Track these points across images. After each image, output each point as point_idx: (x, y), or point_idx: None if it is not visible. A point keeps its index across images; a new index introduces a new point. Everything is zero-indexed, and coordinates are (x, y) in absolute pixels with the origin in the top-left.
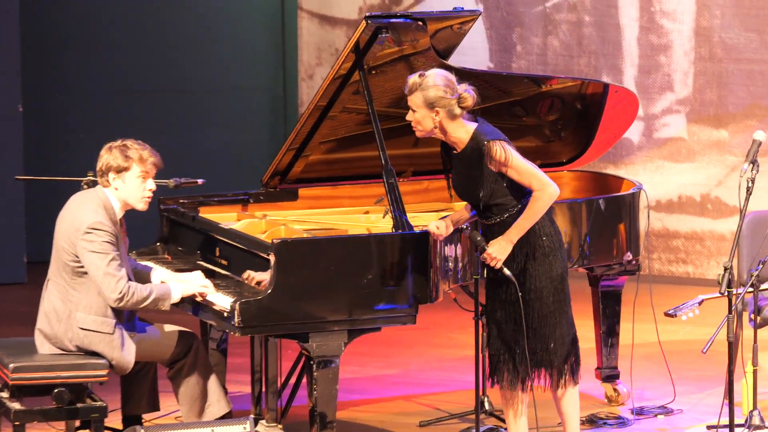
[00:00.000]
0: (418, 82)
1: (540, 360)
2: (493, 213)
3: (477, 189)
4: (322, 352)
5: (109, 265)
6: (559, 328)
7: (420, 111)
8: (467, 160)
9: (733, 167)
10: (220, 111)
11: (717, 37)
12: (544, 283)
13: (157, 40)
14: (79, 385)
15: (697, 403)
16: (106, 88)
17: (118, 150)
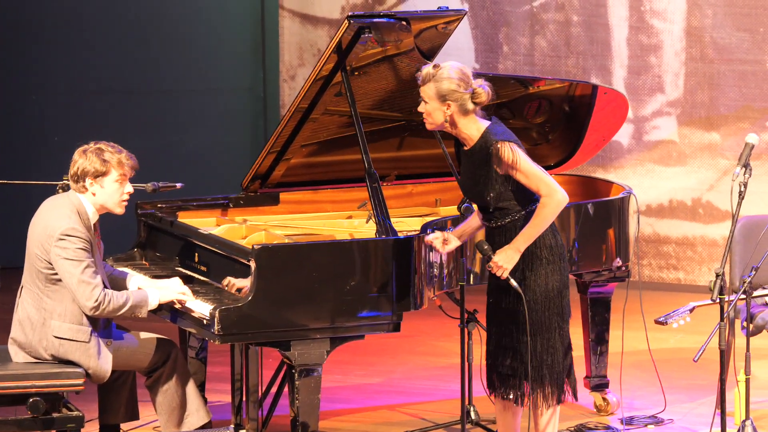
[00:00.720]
0: (432, 73)
1: (527, 373)
2: (496, 216)
3: (482, 189)
4: (304, 360)
5: (84, 272)
6: (548, 343)
7: (432, 103)
8: (475, 158)
9: (725, 171)
10: (199, 112)
11: (708, 37)
12: (538, 296)
13: (134, 39)
14: (54, 394)
15: (689, 412)
16: (81, 89)
17: (94, 154)
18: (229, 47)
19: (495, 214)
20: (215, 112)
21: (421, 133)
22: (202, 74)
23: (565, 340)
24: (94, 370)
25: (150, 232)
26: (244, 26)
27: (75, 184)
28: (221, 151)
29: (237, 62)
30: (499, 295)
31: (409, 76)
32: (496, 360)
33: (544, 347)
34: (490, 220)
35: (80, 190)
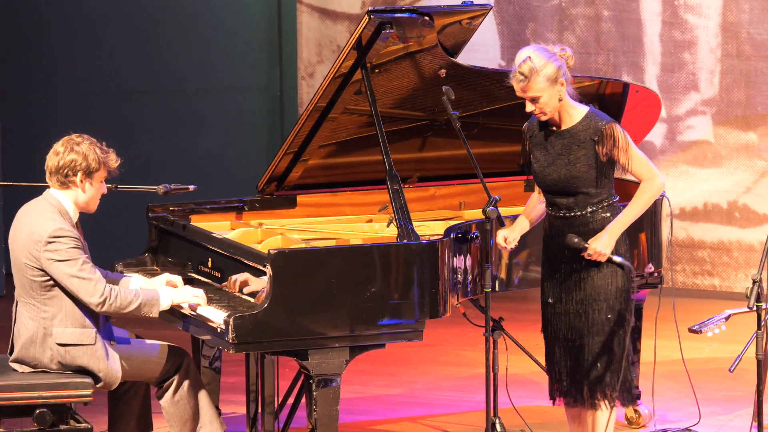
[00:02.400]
0: (532, 67)
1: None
2: (573, 205)
3: (575, 170)
4: (322, 370)
5: (82, 269)
6: (606, 346)
7: (545, 93)
8: (574, 138)
9: (763, 173)
10: (214, 112)
11: (745, 32)
12: (602, 296)
13: (145, 36)
14: (62, 405)
15: (724, 425)
16: (90, 89)
17: (90, 150)
18: (244, 44)
19: (573, 202)
20: (230, 112)
21: (445, 134)
22: (216, 72)
23: (622, 345)
24: (104, 373)
25: (161, 237)
26: (260, 22)
27: (62, 179)
28: (236, 152)
29: (253, 59)
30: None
31: (432, 74)
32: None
33: (603, 349)
34: (570, 209)
35: (66, 185)
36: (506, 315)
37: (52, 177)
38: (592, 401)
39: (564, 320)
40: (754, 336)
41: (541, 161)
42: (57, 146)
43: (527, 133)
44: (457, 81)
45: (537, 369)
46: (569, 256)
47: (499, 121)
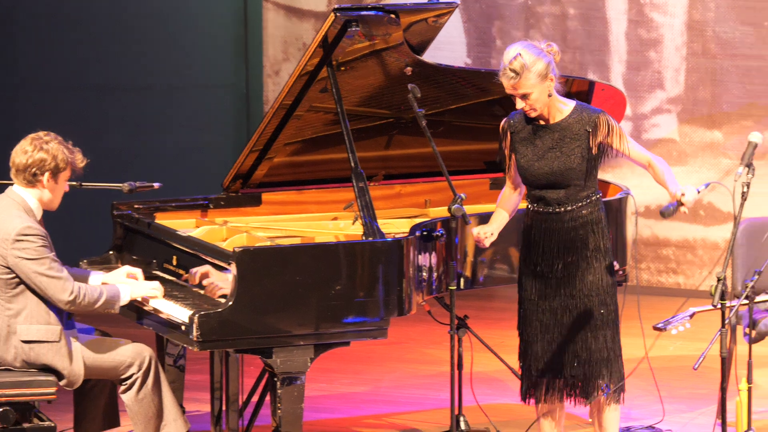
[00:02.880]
0: (523, 63)
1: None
2: (564, 199)
3: (570, 162)
4: (286, 368)
5: (51, 268)
6: (602, 341)
7: (536, 89)
8: (566, 130)
9: (728, 171)
10: (178, 109)
11: (711, 31)
12: (594, 291)
13: (112, 33)
14: (25, 403)
15: (688, 423)
16: (58, 85)
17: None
18: (210, 41)
19: (564, 196)
20: (195, 109)
21: (411, 131)
22: (181, 70)
23: (614, 339)
24: (68, 370)
25: (126, 234)
26: (226, 19)
27: (29, 177)
28: (201, 149)
29: (218, 57)
30: (557, 286)
31: (398, 72)
32: (540, 362)
33: (615, 339)
34: (558, 203)
35: (32, 184)
36: (471, 313)
37: (19, 175)
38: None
39: (551, 317)
40: (718, 334)
41: (528, 156)
42: (25, 144)
43: (507, 130)
44: (423, 79)
45: (502, 367)
46: (556, 253)
47: (465, 119)
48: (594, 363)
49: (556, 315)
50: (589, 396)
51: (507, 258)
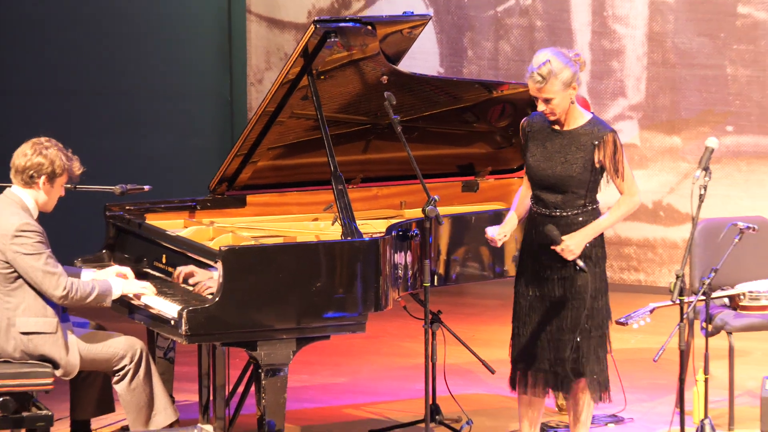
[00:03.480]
0: (551, 70)
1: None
2: (561, 204)
3: (571, 170)
4: (270, 360)
5: (47, 263)
6: (588, 343)
7: (559, 95)
8: (575, 139)
9: (686, 174)
10: (167, 115)
11: (670, 42)
12: (581, 295)
13: (100, 39)
14: (24, 393)
15: (648, 411)
16: (48, 89)
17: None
18: (197, 51)
19: (561, 201)
20: (183, 115)
21: (387, 137)
22: (170, 77)
23: (603, 342)
24: (64, 361)
25: (118, 234)
26: (211, 30)
27: (26, 179)
28: (189, 153)
29: (204, 66)
30: (546, 286)
31: (374, 80)
32: (530, 357)
33: (603, 341)
34: (555, 207)
35: (29, 185)
36: (444, 308)
37: (17, 176)
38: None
39: (544, 315)
40: (676, 328)
41: (537, 156)
42: (26, 147)
43: (526, 128)
44: (399, 87)
45: (473, 359)
46: (552, 255)
47: (438, 125)
48: (581, 361)
49: (549, 314)
50: (573, 391)
51: (478, 257)
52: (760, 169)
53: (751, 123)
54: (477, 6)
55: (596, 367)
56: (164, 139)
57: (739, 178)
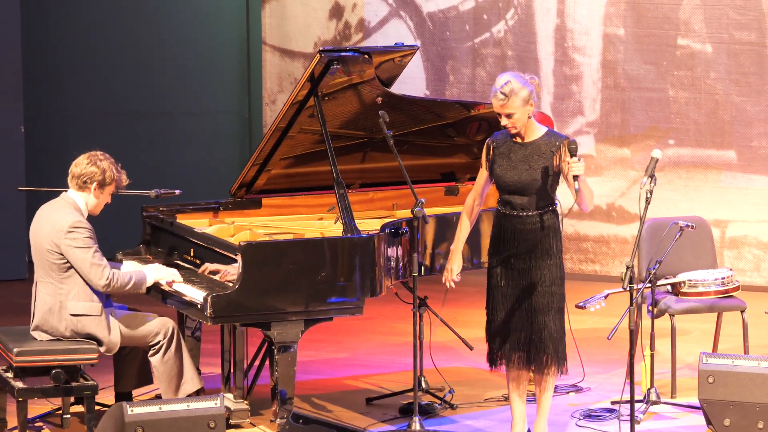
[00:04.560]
0: (512, 89)
1: (545, 347)
2: (527, 205)
3: (536, 176)
4: (282, 338)
5: (94, 256)
6: (552, 323)
7: (519, 111)
8: (536, 149)
9: (635, 180)
10: (195, 131)
11: (621, 69)
12: (546, 282)
13: (140, 68)
14: (73, 366)
15: (603, 382)
16: (96, 111)
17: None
18: (221, 76)
19: (528, 202)
20: (208, 131)
21: (381, 149)
22: (197, 99)
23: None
24: (107, 339)
25: (153, 231)
26: (233, 59)
27: (80, 183)
28: (213, 163)
29: (227, 89)
30: (524, 274)
31: (370, 101)
32: (510, 336)
33: (562, 322)
34: (522, 208)
35: (83, 189)
36: (430, 294)
37: (73, 180)
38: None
39: (514, 302)
40: (627, 311)
41: (503, 167)
42: (83, 157)
43: (491, 145)
44: (391, 107)
45: (454, 337)
46: (518, 251)
47: (425, 139)
48: (545, 340)
49: (518, 300)
50: (540, 365)
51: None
52: (697, 177)
53: (689, 137)
54: (457, 39)
55: (559, 345)
56: (193, 150)
57: (680, 183)
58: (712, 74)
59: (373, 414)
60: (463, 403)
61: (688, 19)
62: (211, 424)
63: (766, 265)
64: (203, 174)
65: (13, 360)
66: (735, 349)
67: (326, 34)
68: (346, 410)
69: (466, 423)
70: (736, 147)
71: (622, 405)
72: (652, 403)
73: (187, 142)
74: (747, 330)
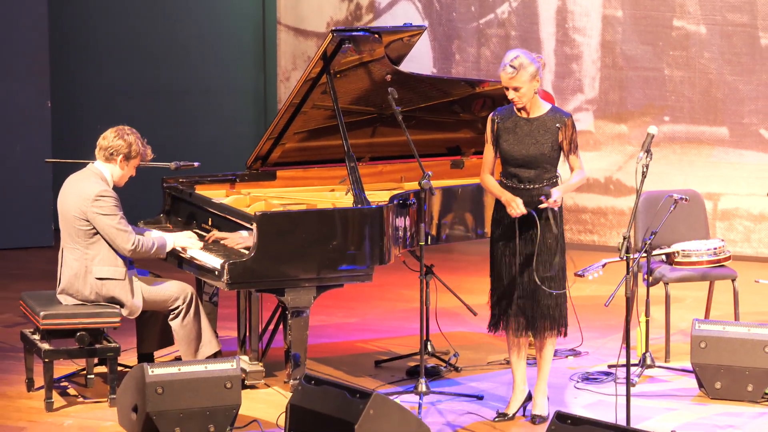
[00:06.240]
0: (521, 63)
1: (546, 313)
2: (534, 177)
3: (541, 150)
4: (295, 304)
5: (120, 222)
6: (553, 288)
7: (526, 85)
8: (541, 125)
9: (631, 155)
10: (213, 107)
11: (619, 49)
12: (546, 253)
13: (162, 49)
14: (97, 329)
15: (601, 346)
16: (120, 88)
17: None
18: (238, 55)
19: (534, 175)
20: (226, 107)
21: (390, 124)
22: (215, 77)
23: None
24: (130, 303)
25: (173, 202)
26: (250, 38)
27: (107, 155)
28: (230, 137)
29: (244, 68)
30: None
31: (380, 78)
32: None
33: (561, 289)
34: (529, 181)
35: (109, 160)
36: (436, 263)
37: (101, 152)
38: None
39: (516, 270)
40: (623, 279)
41: (510, 141)
42: (111, 131)
43: (496, 120)
44: (400, 84)
45: (459, 304)
46: (522, 223)
47: (432, 114)
48: (546, 308)
49: (520, 269)
50: (540, 331)
51: (463, 221)
52: (691, 152)
53: (684, 114)
54: (463, 19)
55: (558, 312)
56: (211, 125)
57: (674, 158)
58: (706, 54)
59: (382, 376)
60: (467, 366)
61: (683, 2)
62: (227, 385)
63: (756, 236)
64: (221, 147)
65: (40, 323)
66: (726, 316)
67: (338, 14)
68: (356, 372)
69: (470, 385)
70: (728, 124)
71: (618, 368)
72: (646, 367)
73: (206, 117)
74: (737, 298)
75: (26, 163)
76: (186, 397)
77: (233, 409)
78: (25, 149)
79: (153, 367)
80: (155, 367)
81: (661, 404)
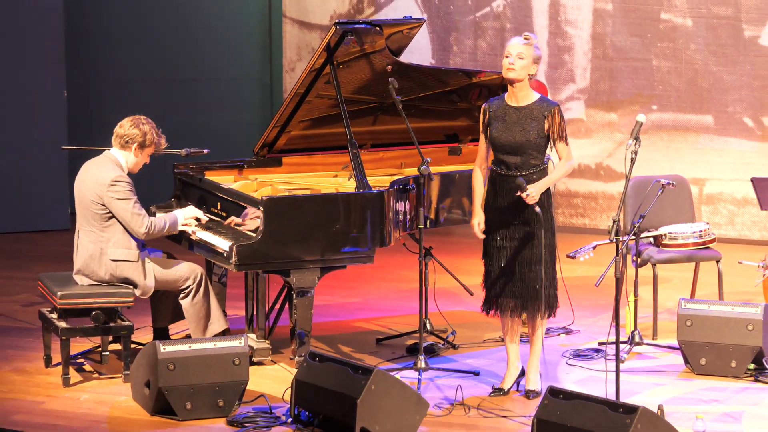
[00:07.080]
0: (533, 42)
1: (538, 294)
2: (521, 164)
3: (528, 138)
4: (300, 284)
5: (134, 207)
6: (544, 272)
7: (527, 60)
8: (529, 113)
9: (621, 142)
10: (221, 96)
11: (609, 40)
12: (537, 236)
13: (172, 38)
14: (111, 309)
15: (591, 325)
16: (133, 76)
17: (149, 131)
18: (245, 46)
19: (521, 161)
20: (233, 96)
21: (391, 112)
22: (223, 67)
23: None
24: (143, 283)
25: (183, 187)
26: (256, 30)
27: (122, 142)
28: (238, 125)
29: (250, 58)
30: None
31: (381, 69)
32: (505, 285)
33: (554, 272)
34: (516, 168)
35: (125, 147)
36: (435, 245)
37: (116, 139)
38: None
39: (508, 253)
40: (613, 261)
41: (498, 129)
42: (127, 120)
43: (488, 109)
44: (400, 74)
45: (456, 284)
46: (513, 208)
47: (430, 104)
48: (538, 288)
49: (513, 252)
50: (533, 312)
51: (460, 205)
52: (678, 139)
53: (671, 103)
54: (460, 12)
55: (550, 292)
56: (220, 114)
57: (662, 145)
58: (692, 46)
59: (383, 353)
60: (464, 344)
61: None
62: (235, 361)
63: (739, 220)
64: (229, 135)
65: (57, 302)
66: (711, 296)
67: (341, 7)
68: (358, 349)
69: (466, 362)
70: (713, 112)
71: (608, 345)
72: (635, 344)
73: (214, 106)
74: (722, 278)
75: (43, 150)
76: (196, 373)
77: (241, 384)
78: (42, 136)
79: (165, 344)
80: (167, 344)
81: (648, 380)
